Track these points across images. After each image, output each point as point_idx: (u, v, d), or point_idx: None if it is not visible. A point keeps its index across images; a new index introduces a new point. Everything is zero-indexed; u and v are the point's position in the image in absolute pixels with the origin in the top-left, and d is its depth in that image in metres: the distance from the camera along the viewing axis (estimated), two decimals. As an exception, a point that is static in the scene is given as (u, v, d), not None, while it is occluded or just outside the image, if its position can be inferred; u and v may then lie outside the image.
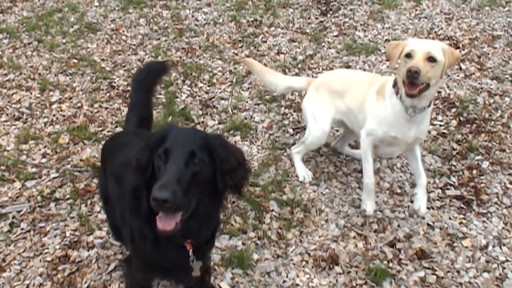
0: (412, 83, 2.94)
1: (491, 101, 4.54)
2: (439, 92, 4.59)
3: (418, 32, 5.43)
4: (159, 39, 5.38)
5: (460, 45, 5.19)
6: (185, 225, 2.02)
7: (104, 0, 6.07)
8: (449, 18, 5.76)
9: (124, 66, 4.93)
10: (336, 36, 5.41)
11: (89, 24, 5.61)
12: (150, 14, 5.81)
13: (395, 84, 3.18)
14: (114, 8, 5.93)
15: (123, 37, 5.40)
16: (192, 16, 5.78)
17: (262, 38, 5.39)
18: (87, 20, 5.69)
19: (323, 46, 5.25)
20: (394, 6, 5.90)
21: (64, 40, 5.34)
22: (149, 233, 2.20)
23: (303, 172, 3.76)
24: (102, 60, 5.03)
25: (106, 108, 4.39)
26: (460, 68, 4.90)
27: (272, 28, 5.54)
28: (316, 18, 5.72)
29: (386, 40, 5.30)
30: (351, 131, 3.70)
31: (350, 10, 5.86)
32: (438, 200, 3.59)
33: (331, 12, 5.83)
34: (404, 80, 2.99)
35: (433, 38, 5.28)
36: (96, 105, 4.44)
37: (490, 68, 4.93)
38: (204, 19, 5.71)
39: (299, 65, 4.93)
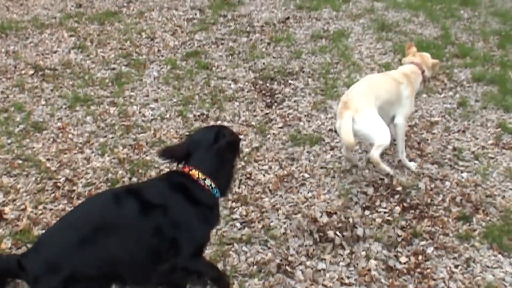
0: None
1: (433, 185, 4.68)
2: (382, 179, 4.72)
3: (360, 120, 5.62)
4: (106, 136, 5.40)
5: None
6: None
7: (51, 99, 6.10)
8: (388, 106, 5.98)
9: (70, 165, 4.91)
10: (281, 127, 5.54)
11: (35, 123, 5.60)
12: (97, 111, 5.84)
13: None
14: (61, 107, 5.95)
15: (70, 136, 5.40)
16: (140, 112, 5.84)
17: (208, 132, 5.46)
18: (34, 119, 5.68)
19: (269, 138, 5.36)
20: (337, 96, 6.10)
21: (9, 141, 5.30)
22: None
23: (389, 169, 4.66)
24: (48, 159, 5.00)
25: (51, 209, 4.32)
26: (401, 155, 5.06)
27: (219, 122, 5.64)
28: (262, 111, 5.86)
29: (330, 130, 5.46)
30: None
31: (294, 101, 6.04)
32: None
33: (276, 104, 5.99)
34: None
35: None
36: (40, 207, 4.37)
37: (429, 153, 5.11)
38: (151, 115, 5.78)
39: (245, 158, 5.01)
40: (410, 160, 4.95)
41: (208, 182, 3.09)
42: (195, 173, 3.09)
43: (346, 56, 7.07)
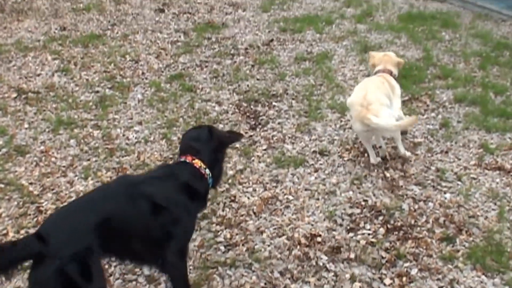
0: None
1: (416, 207, 4.70)
2: (366, 201, 4.74)
3: (343, 142, 5.64)
4: (89, 159, 5.38)
5: (386, 154, 5.40)
6: None
7: (34, 122, 6.07)
8: (372, 128, 6.02)
9: (52, 189, 4.88)
10: (265, 149, 5.55)
11: (18, 147, 5.58)
12: (81, 134, 5.83)
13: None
14: (44, 130, 5.93)
15: (53, 159, 5.37)
16: (123, 135, 5.83)
17: (193, 154, 5.45)
18: (16, 143, 5.66)
19: (253, 160, 5.37)
20: (320, 118, 6.14)
21: (-9, 165, 5.28)
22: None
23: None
24: (30, 183, 4.97)
25: (33, 234, 4.28)
26: (385, 176, 5.09)
27: (203, 144, 5.63)
28: (246, 133, 5.87)
29: (314, 151, 5.48)
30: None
31: (279, 123, 6.06)
32: (370, 311, 3.61)
33: (260, 126, 6.00)
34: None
35: (358, 148, 5.50)
36: (22, 231, 4.34)
37: (413, 174, 5.14)
38: (135, 138, 5.78)
39: (230, 180, 5.01)
40: (393, 180, 4.98)
41: (208, 171, 3.55)
42: (198, 162, 3.53)
43: (329, 78, 7.12)
